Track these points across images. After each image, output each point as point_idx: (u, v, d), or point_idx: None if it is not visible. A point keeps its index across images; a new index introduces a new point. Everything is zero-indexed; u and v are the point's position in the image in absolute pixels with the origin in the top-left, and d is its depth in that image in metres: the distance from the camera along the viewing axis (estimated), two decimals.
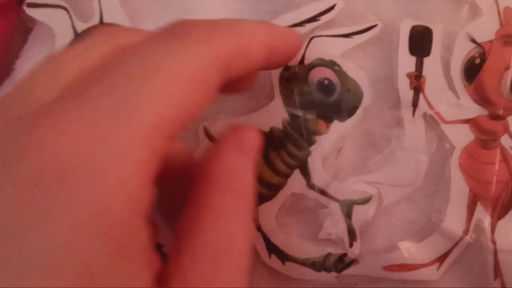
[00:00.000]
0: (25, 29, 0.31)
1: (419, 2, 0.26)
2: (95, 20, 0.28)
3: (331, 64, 0.25)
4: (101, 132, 0.14)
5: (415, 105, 0.25)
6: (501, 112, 0.25)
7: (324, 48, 0.26)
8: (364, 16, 0.26)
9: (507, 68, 0.25)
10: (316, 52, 0.26)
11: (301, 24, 0.26)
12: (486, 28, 0.25)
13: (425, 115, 0.25)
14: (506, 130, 0.25)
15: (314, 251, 0.25)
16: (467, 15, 0.26)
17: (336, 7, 0.26)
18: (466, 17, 0.26)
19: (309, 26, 0.26)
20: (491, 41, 0.25)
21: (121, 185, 0.14)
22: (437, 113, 0.25)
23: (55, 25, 0.29)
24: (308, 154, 0.25)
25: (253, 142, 0.19)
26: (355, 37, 0.26)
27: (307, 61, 0.26)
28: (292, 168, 0.25)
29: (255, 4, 0.28)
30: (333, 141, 0.25)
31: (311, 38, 0.26)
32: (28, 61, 0.30)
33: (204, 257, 0.16)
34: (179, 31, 0.17)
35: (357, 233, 0.25)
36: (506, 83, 0.25)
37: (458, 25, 0.25)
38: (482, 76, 0.25)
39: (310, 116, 0.25)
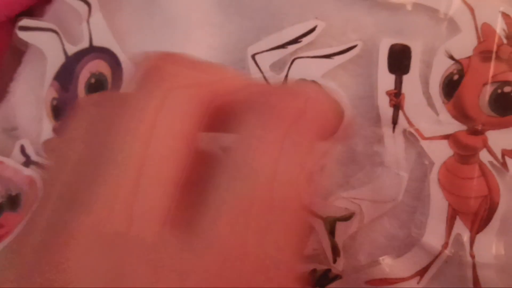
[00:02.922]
0: (18, 49, 0.32)
1: (399, 19, 0.27)
2: (85, 43, 0.29)
3: None
4: None
5: (395, 122, 0.26)
6: (479, 127, 0.25)
7: (306, 69, 0.26)
8: (345, 34, 0.27)
9: (485, 84, 0.25)
10: (298, 73, 0.27)
11: (283, 46, 0.27)
12: (464, 45, 0.26)
13: (404, 131, 0.26)
14: (485, 145, 0.25)
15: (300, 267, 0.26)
16: (445, 32, 0.26)
17: (317, 29, 0.27)
18: (444, 34, 0.26)
19: (291, 48, 0.27)
20: (469, 57, 0.26)
21: None
22: (417, 130, 0.26)
23: (46, 48, 0.30)
24: None
25: None
26: (336, 57, 0.26)
27: (289, 82, 0.26)
28: None
29: (238, 19, 0.29)
30: (316, 159, 0.26)
31: (294, 60, 0.27)
32: (22, 83, 0.31)
33: None
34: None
35: (340, 249, 0.26)
36: (485, 98, 0.25)
37: (437, 42, 0.26)
38: (460, 92, 0.26)
39: None
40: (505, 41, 0.26)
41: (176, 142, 0.18)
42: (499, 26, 0.26)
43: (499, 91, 0.25)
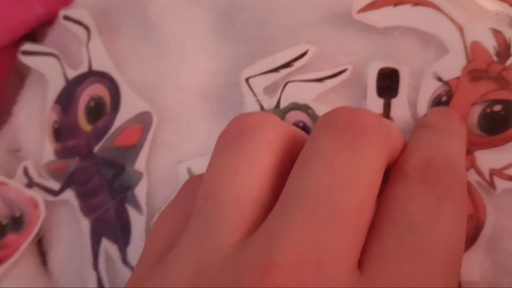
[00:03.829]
0: (21, 73, 0.33)
1: (388, 42, 0.27)
2: (85, 67, 0.30)
3: (305, 108, 0.27)
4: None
5: None
6: (468, 148, 0.26)
7: (298, 92, 0.27)
8: (335, 57, 0.28)
9: (474, 104, 0.26)
10: (290, 96, 0.27)
11: (276, 70, 0.28)
12: (452, 65, 0.26)
13: None
14: (472, 165, 0.26)
15: None
16: (433, 54, 0.27)
17: (308, 53, 0.27)
18: (432, 56, 0.27)
19: (284, 72, 0.27)
20: (457, 78, 0.26)
21: None
22: None
23: (47, 72, 0.31)
24: None
25: None
26: (327, 81, 0.27)
27: (282, 105, 0.27)
28: None
29: (232, 45, 0.30)
30: None
31: (286, 83, 0.27)
32: (25, 106, 0.32)
33: None
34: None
35: None
36: (473, 118, 0.26)
37: (424, 65, 0.27)
38: None
39: None
40: (495, 58, 0.26)
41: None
42: (490, 44, 0.26)
43: (488, 110, 0.25)
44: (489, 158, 0.26)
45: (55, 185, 0.30)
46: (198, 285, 0.18)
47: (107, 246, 0.28)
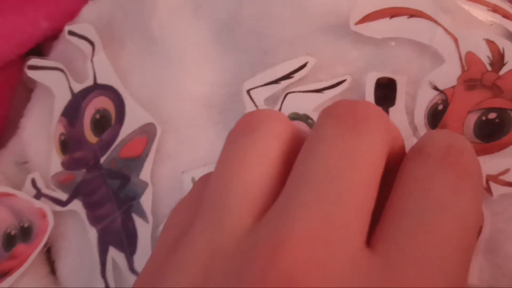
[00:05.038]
0: (27, 87, 0.33)
1: (384, 52, 0.28)
2: (90, 81, 0.31)
3: (305, 118, 0.28)
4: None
5: None
6: None
7: (298, 103, 0.28)
8: (333, 67, 0.28)
9: (469, 112, 0.26)
10: (291, 106, 0.28)
11: (276, 81, 0.28)
12: (448, 75, 0.27)
13: None
14: None
15: None
16: (429, 63, 0.27)
17: (308, 65, 0.28)
18: (428, 66, 0.27)
19: (284, 83, 0.28)
20: (453, 87, 0.26)
21: None
22: None
23: (53, 86, 0.31)
24: None
25: None
26: (326, 92, 0.28)
27: None
28: None
29: (234, 54, 0.30)
30: None
31: (286, 94, 0.28)
32: (32, 119, 0.32)
33: None
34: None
35: None
36: (469, 125, 0.26)
37: (420, 74, 0.27)
38: (445, 121, 0.27)
39: None
40: (489, 68, 0.26)
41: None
42: (484, 54, 0.26)
43: (483, 118, 0.26)
44: (485, 165, 0.26)
45: (62, 196, 0.30)
46: (210, 269, 0.18)
47: (114, 254, 0.29)
